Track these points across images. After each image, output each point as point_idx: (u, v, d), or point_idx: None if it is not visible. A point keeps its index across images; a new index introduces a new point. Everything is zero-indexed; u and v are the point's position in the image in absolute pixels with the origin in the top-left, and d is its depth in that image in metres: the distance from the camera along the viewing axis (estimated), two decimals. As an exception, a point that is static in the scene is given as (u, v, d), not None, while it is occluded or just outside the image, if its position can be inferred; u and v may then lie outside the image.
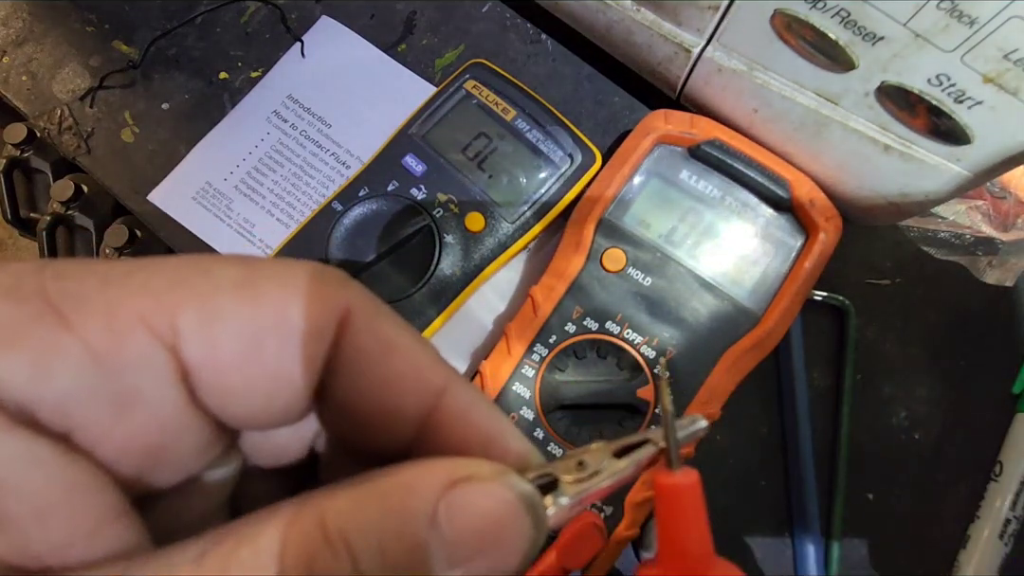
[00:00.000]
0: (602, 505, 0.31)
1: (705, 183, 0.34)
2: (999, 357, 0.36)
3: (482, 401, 0.14)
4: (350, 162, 0.39)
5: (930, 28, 0.24)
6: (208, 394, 0.12)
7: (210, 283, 0.12)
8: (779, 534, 0.35)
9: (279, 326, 0.12)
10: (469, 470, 0.11)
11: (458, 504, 0.11)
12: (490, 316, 0.37)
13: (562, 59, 0.40)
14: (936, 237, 0.37)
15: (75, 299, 0.11)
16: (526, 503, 0.11)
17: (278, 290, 0.12)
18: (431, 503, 0.11)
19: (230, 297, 0.12)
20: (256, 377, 0.12)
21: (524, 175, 0.35)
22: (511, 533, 0.11)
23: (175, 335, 0.11)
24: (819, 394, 0.36)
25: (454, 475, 0.11)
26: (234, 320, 0.12)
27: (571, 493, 0.13)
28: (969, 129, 0.26)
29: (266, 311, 0.12)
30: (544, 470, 0.13)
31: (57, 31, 0.41)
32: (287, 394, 0.12)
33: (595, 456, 0.13)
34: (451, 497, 0.11)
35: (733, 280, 0.33)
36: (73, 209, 0.41)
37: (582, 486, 0.13)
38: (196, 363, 0.12)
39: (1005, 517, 0.33)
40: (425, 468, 0.12)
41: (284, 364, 0.12)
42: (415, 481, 0.11)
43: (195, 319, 0.11)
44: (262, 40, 0.41)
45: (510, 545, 0.11)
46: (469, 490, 0.11)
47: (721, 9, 0.29)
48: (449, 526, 0.11)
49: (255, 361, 0.12)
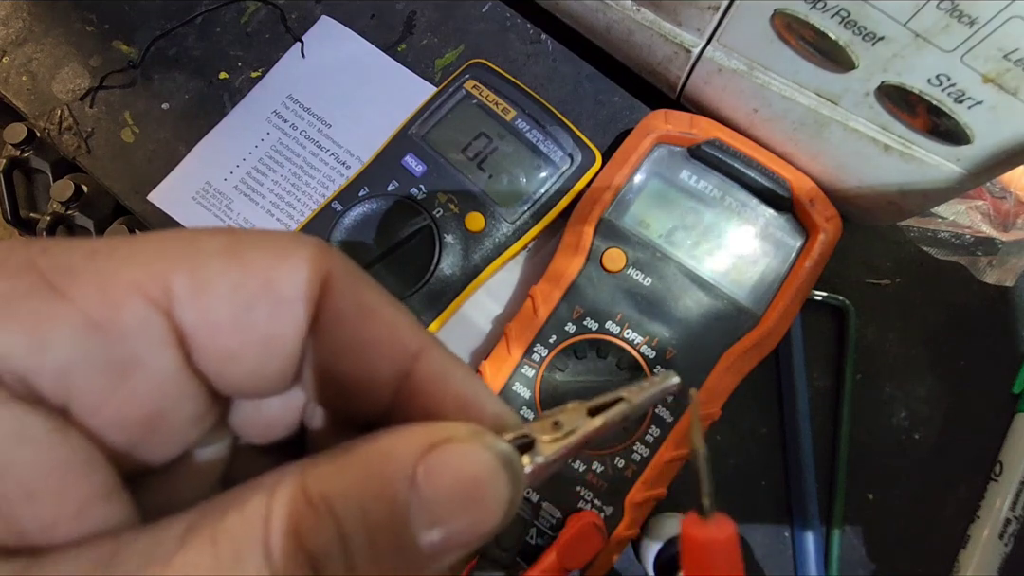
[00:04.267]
0: (602, 505, 0.31)
1: (705, 183, 0.34)
2: (999, 357, 0.36)
3: (458, 366, 0.14)
4: (350, 162, 0.39)
5: (930, 28, 0.24)
6: (203, 358, 0.12)
7: (197, 252, 0.12)
8: (779, 534, 0.35)
9: (267, 290, 0.12)
10: (447, 432, 0.12)
11: (436, 465, 0.11)
12: (490, 316, 0.37)
13: (562, 59, 0.40)
14: (936, 237, 0.37)
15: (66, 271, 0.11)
16: (503, 461, 0.12)
17: (264, 256, 0.12)
18: (410, 465, 0.11)
19: (218, 263, 0.12)
20: (248, 340, 0.12)
21: (524, 175, 0.35)
22: (489, 492, 0.11)
23: (169, 300, 0.11)
24: (819, 394, 0.36)
25: (432, 438, 0.11)
26: (224, 285, 0.12)
27: (547, 452, 0.13)
28: (969, 129, 0.26)
29: (254, 276, 0.12)
30: (521, 431, 0.13)
31: (57, 31, 0.41)
32: (279, 356, 0.13)
33: (570, 416, 0.14)
34: (430, 459, 0.11)
35: (733, 280, 0.33)
36: (73, 209, 0.41)
37: (558, 444, 0.13)
38: (191, 327, 0.12)
39: (1005, 517, 0.33)
40: (404, 433, 0.12)
41: (275, 326, 0.12)
42: (394, 445, 0.12)
43: (187, 285, 0.11)
44: (262, 40, 0.41)
45: (489, 503, 0.11)
46: (447, 451, 0.11)
47: (721, 9, 0.29)
48: (428, 487, 0.11)
49: (247, 324, 0.12)
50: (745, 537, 0.35)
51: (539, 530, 0.31)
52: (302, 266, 0.12)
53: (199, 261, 0.12)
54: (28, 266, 0.11)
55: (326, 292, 0.13)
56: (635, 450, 0.31)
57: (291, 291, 0.12)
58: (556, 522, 0.31)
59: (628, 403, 0.14)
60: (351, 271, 0.13)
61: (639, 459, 0.31)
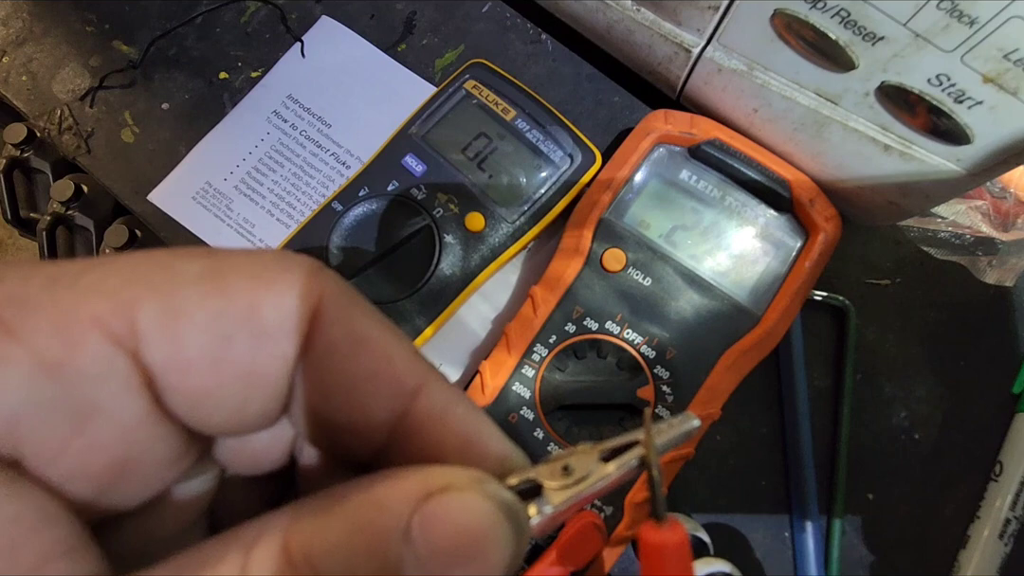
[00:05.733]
0: (602, 505, 0.31)
1: (705, 183, 0.34)
2: (999, 357, 0.36)
3: (460, 400, 0.13)
4: (350, 162, 0.39)
5: (930, 28, 0.24)
6: (175, 400, 0.11)
7: (171, 278, 0.11)
8: (779, 534, 0.35)
9: (249, 320, 0.11)
10: (444, 480, 0.11)
11: (433, 517, 0.10)
12: (490, 316, 0.37)
13: (562, 59, 0.40)
14: (936, 237, 0.37)
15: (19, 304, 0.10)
16: (506, 513, 0.11)
17: (246, 281, 0.11)
18: (403, 518, 0.10)
19: (194, 291, 0.11)
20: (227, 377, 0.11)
21: (524, 175, 0.35)
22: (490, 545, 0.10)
23: (135, 337, 0.10)
24: (819, 394, 0.36)
25: (428, 486, 0.11)
26: (199, 315, 0.11)
27: (556, 501, 0.12)
28: (969, 129, 0.26)
29: (234, 304, 0.11)
30: (527, 475, 0.12)
31: (57, 31, 0.41)
32: (261, 395, 0.12)
33: (581, 460, 0.13)
34: (425, 510, 0.10)
35: (733, 280, 0.33)
36: (73, 209, 0.41)
37: (567, 493, 0.12)
38: (160, 366, 0.11)
39: (1005, 517, 0.33)
40: (397, 481, 0.11)
41: (256, 361, 0.11)
42: (386, 495, 0.11)
43: (156, 317, 0.10)
44: (262, 40, 0.41)
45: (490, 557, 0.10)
46: (444, 501, 0.10)
47: (721, 9, 0.29)
48: (423, 541, 0.10)
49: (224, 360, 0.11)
50: (745, 537, 0.35)
51: (539, 530, 0.31)
52: (290, 292, 0.11)
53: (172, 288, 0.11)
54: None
55: (317, 320, 0.12)
56: (635, 450, 0.31)
57: (276, 321, 0.11)
58: (556, 522, 0.31)
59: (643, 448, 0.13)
60: (345, 295, 0.12)
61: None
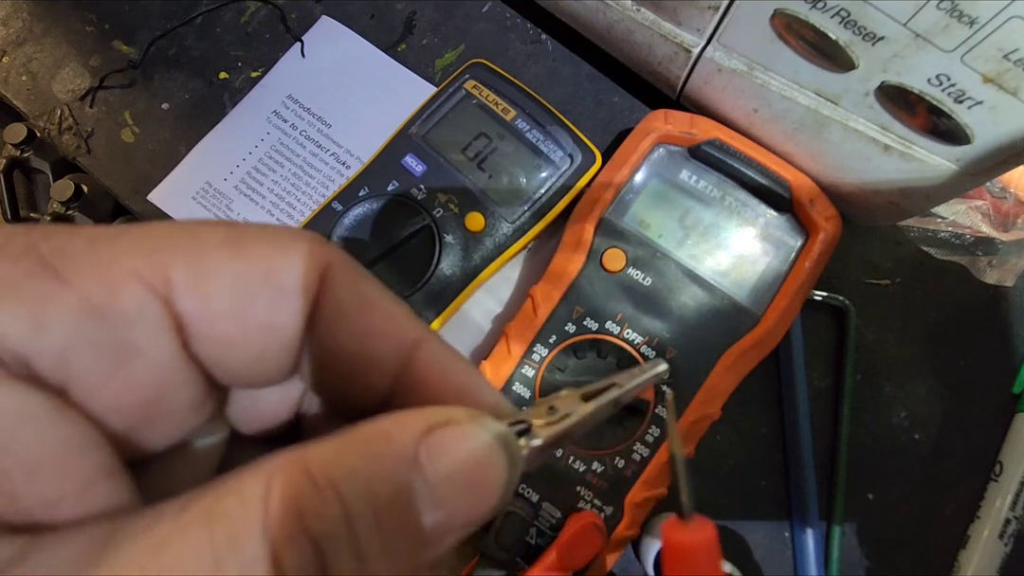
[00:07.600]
0: (602, 505, 0.31)
1: (705, 183, 0.34)
2: (999, 357, 0.36)
3: (456, 356, 0.14)
4: (350, 162, 0.39)
5: (930, 28, 0.24)
6: (202, 345, 0.12)
7: (199, 242, 0.12)
8: (779, 534, 0.35)
9: (268, 279, 0.12)
10: (446, 415, 0.12)
11: (438, 447, 0.11)
12: (489, 316, 0.37)
13: (562, 59, 0.40)
14: (936, 237, 0.37)
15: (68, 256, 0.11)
16: (502, 443, 0.12)
17: (264, 247, 0.12)
18: (411, 447, 0.11)
19: (219, 254, 0.12)
20: (249, 328, 0.12)
21: (524, 175, 0.35)
22: (489, 472, 0.12)
23: (168, 288, 0.12)
24: (819, 394, 0.36)
25: (431, 420, 0.12)
26: (225, 275, 0.12)
27: (543, 435, 0.13)
28: (969, 129, 0.26)
29: (255, 266, 0.12)
30: (517, 417, 0.14)
31: (57, 31, 0.41)
32: (278, 345, 0.13)
33: (565, 401, 0.14)
34: (430, 441, 0.11)
35: (733, 280, 0.33)
36: (73, 209, 0.41)
37: (553, 428, 0.13)
38: (190, 315, 0.12)
39: (1005, 517, 0.33)
40: (403, 415, 0.12)
41: (274, 316, 0.12)
42: (395, 427, 0.12)
43: (187, 274, 0.12)
44: (262, 40, 0.40)
45: (489, 484, 0.12)
46: (447, 433, 0.11)
47: (721, 9, 0.29)
48: (431, 468, 0.11)
49: (247, 313, 0.12)
50: (745, 537, 0.35)
51: (539, 530, 0.31)
52: (301, 258, 0.13)
53: (200, 251, 0.12)
54: (29, 250, 0.11)
55: (325, 284, 0.13)
56: (635, 450, 0.31)
57: (291, 282, 0.12)
58: (556, 522, 0.31)
59: (619, 388, 0.15)
60: (349, 265, 0.13)
61: (639, 459, 0.31)
